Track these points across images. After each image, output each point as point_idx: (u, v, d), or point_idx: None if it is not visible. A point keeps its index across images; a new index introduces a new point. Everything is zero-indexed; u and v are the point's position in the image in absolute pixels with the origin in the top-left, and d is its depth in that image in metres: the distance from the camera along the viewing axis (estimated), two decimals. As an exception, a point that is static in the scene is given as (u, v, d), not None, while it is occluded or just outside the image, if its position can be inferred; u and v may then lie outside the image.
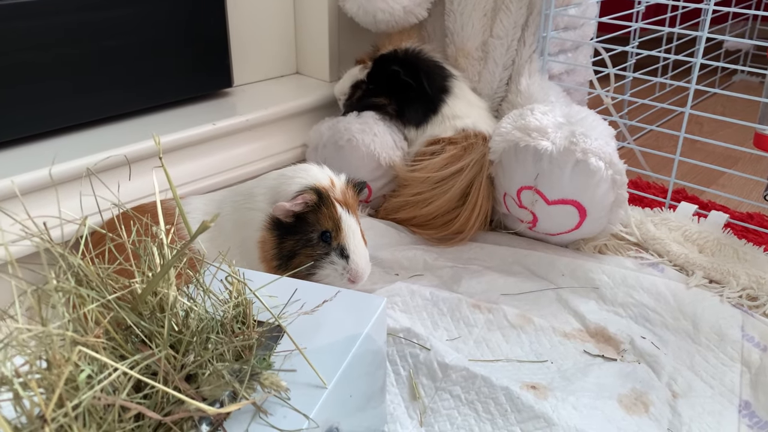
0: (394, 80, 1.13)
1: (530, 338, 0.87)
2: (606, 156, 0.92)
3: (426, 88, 1.12)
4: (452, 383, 0.76)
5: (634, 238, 1.04)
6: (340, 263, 0.83)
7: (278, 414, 0.52)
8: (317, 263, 0.83)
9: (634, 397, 0.77)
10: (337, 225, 0.83)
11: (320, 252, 0.83)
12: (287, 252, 0.83)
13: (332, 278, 0.83)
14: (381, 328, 0.66)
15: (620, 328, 0.89)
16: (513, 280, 0.98)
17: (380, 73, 1.15)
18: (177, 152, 1.03)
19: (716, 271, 0.97)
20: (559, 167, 0.92)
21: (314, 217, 0.82)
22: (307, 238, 0.82)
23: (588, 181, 0.92)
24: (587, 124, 0.94)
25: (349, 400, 0.60)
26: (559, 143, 0.92)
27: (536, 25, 1.18)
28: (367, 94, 1.18)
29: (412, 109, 1.15)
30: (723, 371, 0.82)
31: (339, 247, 0.83)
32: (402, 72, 1.12)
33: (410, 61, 1.14)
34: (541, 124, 0.94)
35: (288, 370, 0.53)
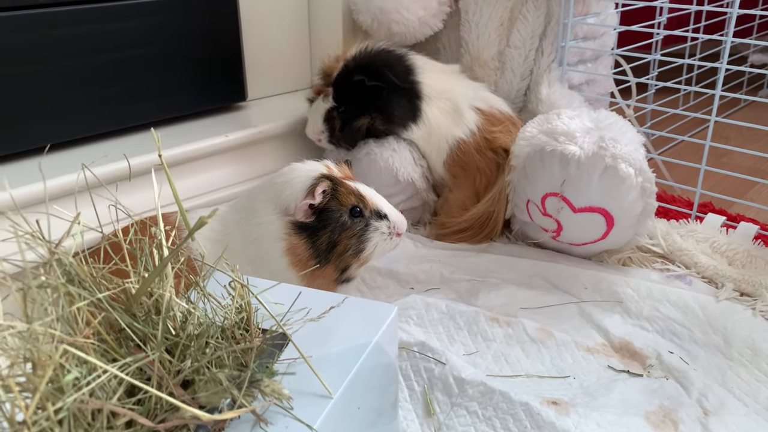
0: (362, 92, 1.05)
1: (551, 353, 0.83)
2: (636, 162, 0.88)
3: (395, 81, 1.06)
4: (469, 399, 0.73)
5: (660, 249, 1.00)
6: (383, 224, 0.83)
7: (280, 424, 0.49)
8: (362, 238, 0.82)
9: (663, 414, 0.73)
10: (360, 196, 0.82)
11: (360, 227, 0.82)
12: (325, 246, 0.81)
13: (380, 244, 0.83)
14: (392, 338, 0.63)
15: (646, 343, 0.85)
16: (533, 294, 0.94)
17: (346, 92, 1.07)
18: (191, 164, 1.02)
19: (747, 283, 0.92)
20: (587, 173, 0.88)
21: (335, 203, 0.81)
22: (341, 222, 0.81)
23: (617, 187, 0.88)
24: (617, 129, 0.91)
25: (358, 413, 0.56)
26: (588, 148, 0.88)
27: (554, 34, 1.16)
28: (346, 120, 1.09)
29: (398, 109, 1.08)
30: (758, 387, 0.77)
31: (373, 212, 0.83)
32: (366, 78, 1.04)
33: (366, 64, 1.07)
34: (568, 129, 0.91)
35: (288, 373, 0.50)
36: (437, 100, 1.08)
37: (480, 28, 1.18)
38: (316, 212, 0.80)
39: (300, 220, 0.80)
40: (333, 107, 1.09)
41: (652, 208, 0.92)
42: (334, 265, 0.82)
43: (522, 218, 1.02)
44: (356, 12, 1.19)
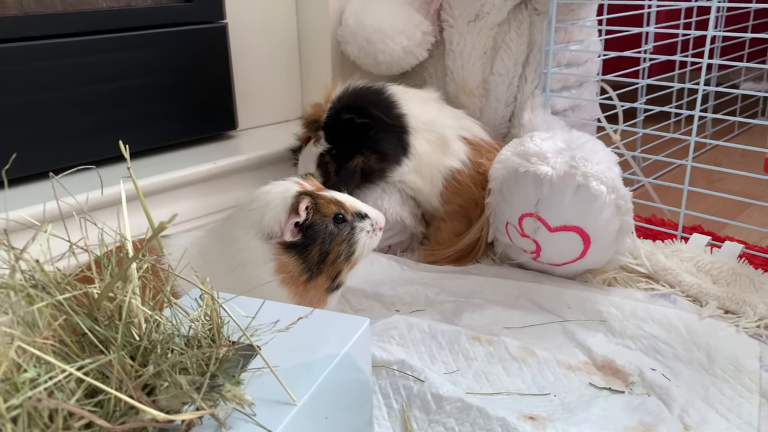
0: (353, 131, 1.05)
1: (532, 371, 0.82)
2: (608, 180, 0.89)
3: (381, 116, 1.05)
4: (446, 415, 0.73)
5: (644, 269, 1.00)
6: (367, 223, 0.85)
7: (241, 429, 0.49)
8: (351, 241, 0.84)
9: (643, 430, 0.72)
10: (339, 203, 0.84)
11: (347, 231, 0.84)
12: (317, 258, 0.83)
13: (367, 242, 0.86)
14: (364, 351, 0.63)
15: (629, 360, 0.84)
16: (517, 314, 0.94)
17: (336, 132, 1.07)
18: (179, 190, 1.04)
19: (731, 300, 0.92)
20: (560, 192, 0.90)
21: (318, 215, 0.82)
22: (329, 232, 0.83)
23: (590, 206, 0.89)
24: (588, 148, 0.92)
25: (325, 423, 0.57)
26: (560, 168, 0.90)
27: (537, 61, 1.18)
28: (340, 161, 1.07)
29: (389, 146, 1.07)
30: (740, 403, 0.77)
31: (354, 215, 0.85)
32: (355, 117, 1.04)
33: (351, 103, 1.06)
34: (540, 150, 0.92)
35: (254, 368, 0.51)
36: (423, 132, 1.08)
37: (464, 57, 1.20)
38: (302, 229, 0.81)
39: (290, 240, 0.81)
40: (326, 150, 1.08)
41: (629, 226, 0.93)
42: (326, 275, 0.84)
43: (503, 240, 1.03)
44: (344, 43, 1.22)
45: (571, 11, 1.19)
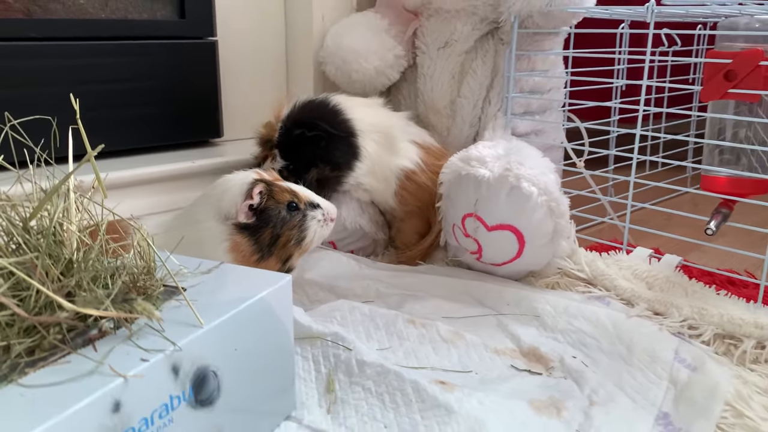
0: (305, 144, 1.09)
1: (459, 352, 0.88)
2: (540, 183, 0.96)
3: (328, 128, 1.10)
4: (366, 378, 0.78)
5: (584, 274, 1.06)
6: (318, 212, 0.93)
7: (149, 340, 0.56)
8: (302, 227, 0.92)
9: (549, 403, 0.77)
10: (293, 192, 0.93)
11: (299, 218, 0.92)
12: (269, 240, 0.91)
13: (318, 230, 0.94)
14: (283, 303, 0.70)
15: (553, 349, 0.89)
16: (457, 306, 1.00)
17: (290, 148, 1.11)
18: (159, 184, 1.13)
19: (660, 303, 0.97)
20: (495, 193, 0.97)
21: (273, 201, 0.90)
22: (281, 217, 0.91)
23: (523, 205, 0.96)
24: (524, 154, 1.00)
25: (234, 354, 0.63)
26: (496, 171, 0.98)
27: (500, 86, 1.27)
28: (297, 174, 1.10)
29: (339, 153, 1.11)
30: (649, 387, 0.81)
31: (307, 204, 0.93)
32: (305, 130, 1.09)
33: (300, 118, 1.11)
34: (481, 155, 1.00)
35: (172, 286, 0.58)
36: (371, 133, 1.14)
37: (434, 80, 1.30)
38: (256, 213, 0.89)
39: (243, 221, 0.89)
40: (283, 166, 1.12)
41: (563, 229, 0.99)
42: (276, 257, 0.92)
43: (452, 242, 1.10)
44: (324, 64, 1.33)
45: (534, 41, 1.28)
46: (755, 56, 0.94)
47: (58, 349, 0.52)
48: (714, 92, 0.98)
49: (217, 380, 0.61)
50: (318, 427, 0.71)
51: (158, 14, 1.18)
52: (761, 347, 0.88)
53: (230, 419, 0.63)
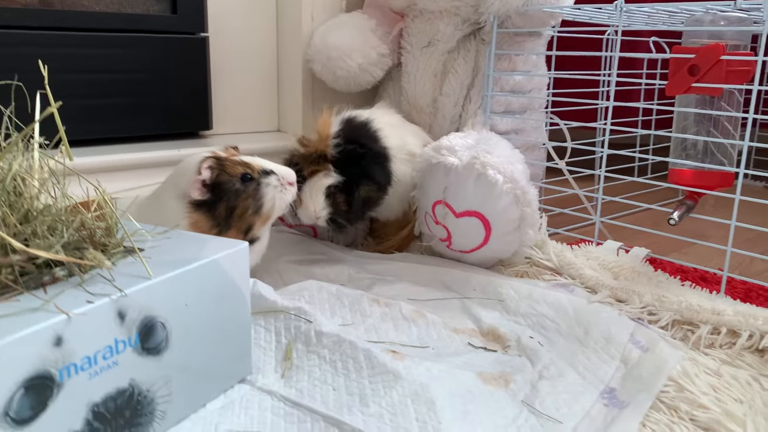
0: (356, 161, 1.06)
1: (420, 330, 0.90)
2: (506, 171, 0.99)
3: (373, 148, 1.09)
4: (323, 347, 0.81)
5: (552, 264, 1.08)
6: (272, 178, 0.94)
7: (98, 287, 0.59)
8: (257, 196, 0.93)
9: (498, 375, 0.79)
10: (247, 164, 0.93)
11: (253, 187, 0.93)
12: (224, 213, 0.92)
13: (277, 196, 0.94)
14: (239, 268, 0.73)
15: (512, 330, 0.91)
16: (424, 290, 1.03)
17: (345, 164, 1.06)
18: (145, 170, 1.18)
19: (623, 291, 0.99)
20: (463, 180, 1.00)
21: (225, 176, 0.92)
22: (235, 190, 0.92)
23: (489, 192, 0.99)
24: (492, 144, 1.03)
25: (185, 310, 0.66)
26: (465, 159, 1.01)
27: (481, 85, 1.31)
28: (349, 192, 1.07)
29: (381, 176, 1.09)
30: (600, 366, 0.83)
31: (261, 173, 0.94)
32: (357, 147, 1.06)
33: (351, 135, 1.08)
34: (451, 144, 1.04)
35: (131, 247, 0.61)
36: (399, 155, 1.13)
37: (417, 78, 1.34)
38: (209, 188, 0.92)
39: (197, 198, 0.92)
40: (336, 183, 1.06)
41: (529, 217, 1.02)
42: (236, 229, 0.93)
43: (425, 231, 1.13)
44: (311, 61, 1.38)
45: (515, 42, 1.32)
46: (716, 51, 0.96)
47: (9, 288, 0.56)
48: (678, 86, 1.01)
49: (165, 332, 0.64)
50: (269, 388, 0.74)
51: (151, 9, 1.23)
52: (717, 333, 0.90)
53: (180, 373, 0.66)
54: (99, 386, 0.57)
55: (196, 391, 0.70)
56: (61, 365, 0.54)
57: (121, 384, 0.60)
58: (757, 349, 0.87)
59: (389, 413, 0.69)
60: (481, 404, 0.72)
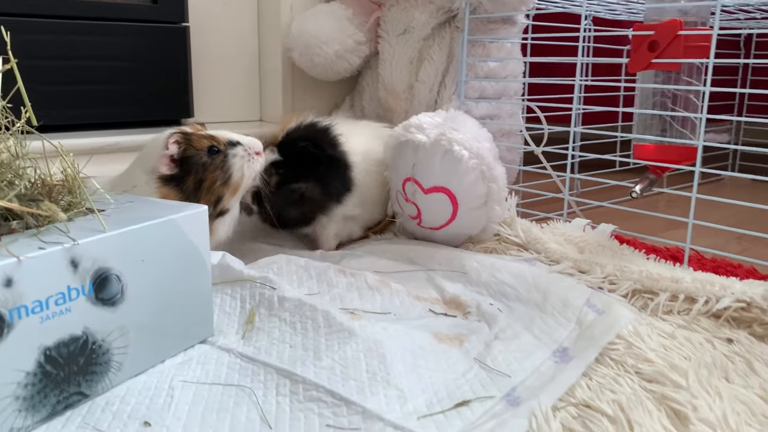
0: (305, 158, 1.08)
1: (383, 297, 0.92)
2: (472, 148, 1.02)
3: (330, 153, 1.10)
4: (284, 311, 0.83)
5: (519, 240, 1.10)
6: (239, 149, 0.97)
7: (52, 237, 0.62)
8: (225, 167, 0.96)
9: (454, 336, 0.81)
10: (213, 137, 0.97)
11: (220, 159, 0.96)
12: (192, 186, 0.95)
13: (245, 165, 0.97)
14: (198, 230, 0.75)
15: (474, 298, 0.93)
16: (391, 263, 1.05)
17: (290, 153, 1.09)
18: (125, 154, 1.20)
19: (585, 263, 1.00)
20: (430, 156, 1.03)
21: (192, 150, 0.95)
22: (202, 163, 0.95)
23: (455, 168, 1.01)
24: (459, 121, 1.06)
25: (141, 266, 0.68)
26: (432, 136, 1.03)
27: (455, 71, 1.33)
28: (285, 179, 1.09)
29: (334, 183, 1.11)
30: (556, 328, 0.84)
31: (227, 145, 0.97)
32: (311, 144, 1.08)
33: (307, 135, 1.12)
34: (420, 122, 1.06)
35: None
36: (362, 163, 1.14)
37: (393, 65, 1.37)
38: (178, 163, 0.95)
39: (165, 173, 0.94)
40: (275, 161, 1.09)
41: (495, 193, 1.04)
42: (205, 201, 0.96)
43: (396, 210, 1.15)
44: (289, 50, 1.41)
45: (489, 29, 1.35)
46: (674, 26, 0.99)
47: (-36, 236, 0.59)
48: (639, 63, 1.03)
49: (120, 285, 0.66)
50: (228, 347, 0.76)
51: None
52: (675, 300, 0.91)
53: (137, 327, 0.68)
54: (51, 331, 0.60)
55: (155, 347, 0.72)
56: (11, 305, 0.56)
57: (75, 331, 0.62)
58: (714, 314, 0.88)
59: (341, 366, 0.71)
60: (433, 360, 0.74)
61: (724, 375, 0.73)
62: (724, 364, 0.75)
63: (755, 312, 0.86)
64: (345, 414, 0.63)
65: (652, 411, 0.64)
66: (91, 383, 0.64)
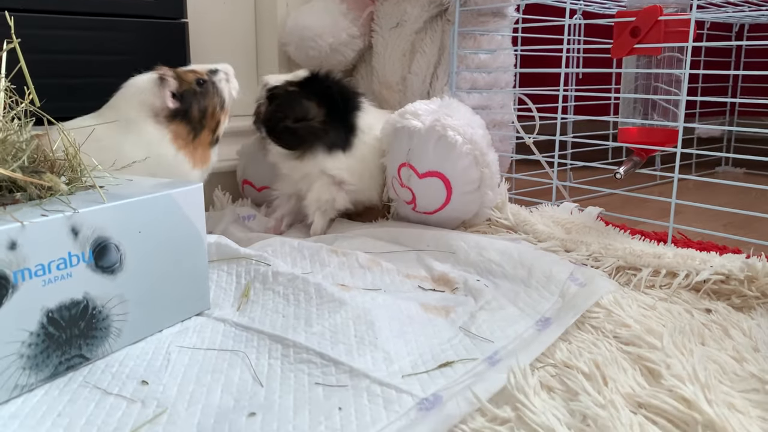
0: (322, 95, 1.15)
1: (374, 276, 0.95)
2: (465, 133, 1.05)
3: (345, 109, 1.17)
4: (278, 284, 0.87)
5: (508, 222, 1.13)
6: (220, 75, 1.09)
7: (53, 206, 0.65)
8: (217, 93, 1.07)
9: (440, 307, 0.84)
10: (194, 71, 1.06)
11: (211, 87, 1.06)
12: (199, 115, 1.04)
13: (229, 87, 1.09)
14: (194, 205, 0.78)
15: (461, 275, 0.96)
16: (381, 244, 1.08)
17: (316, 83, 1.17)
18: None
19: (571, 242, 1.03)
20: (425, 142, 1.06)
21: (186, 84, 1.03)
22: (200, 92, 1.04)
23: (448, 153, 1.05)
24: (453, 108, 1.09)
25: (138, 237, 0.72)
26: (427, 122, 1.07)
27: (447, 63, 1.37)
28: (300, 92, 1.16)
29: (334, 133, 1.16)
30: (539, 301, 0.87)
31: (209, 73, 1.07)
32: (333, 86, 1.16)
33: (340, 82, 1.20)
34: (415, 109, 1.10)
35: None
36: (363, 133, 1.19)
37: (386, 58, 1.41)
38: (177, 98, 1.01)
39: (172, 107, 1.00)
40: (303, 80, 1.17)
41: (489, 178, 1.07)
42: (208, 128, 1.05)
43: (392, 195, 1.18)
44: (285, 44, 1.45)
45: (480, 22, 1.38)
46: (654, 12, 1.02)
47: (-28, 205, 0.62)
48: (622, 48, 1.06)
49: (119, 254, 0.70)
50: (224, 318, 0.79)
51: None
52: (657, 274, 0.94)
53: (136, 296, 0.72)
54: (53, 293, 0.63)
55: (153, 317, 0.75)
56: (16, 268, 0.60)
57: (76, 295, 0.65)
58: (694, 288, 0.91)
59: (330, 332, 0.74)
60: (419, 327, 0.77)
61: (700, 340, 0.76)
62: (701, 330, 0.78)
63: (733, 284, 0.88)
64: (333, 373, 0.66)
65: (627, 369, 0.67)
66: (91, 347, 0.68)
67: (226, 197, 1.40)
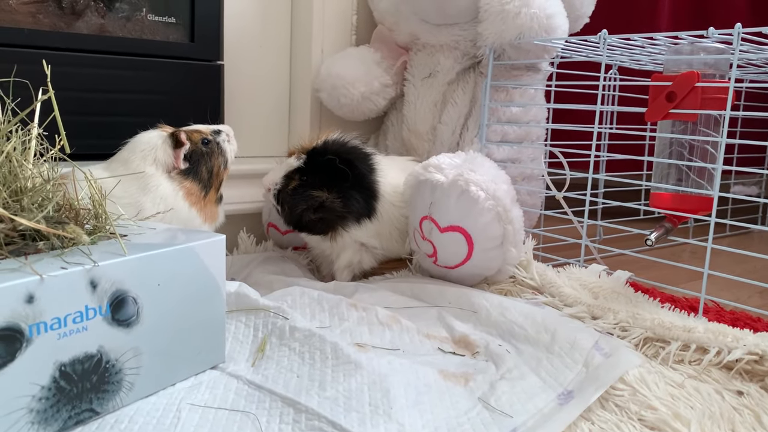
0: (331, 170, 1.12)
1: (393, 334, 0.94)
2: (488, 189, 1.04)
3: (362, 173, 1.15)
4: (294, 340, 0.85)
5: (534, 283, 1.10)
6: (223, 135, 1.13)
7: (74, 258, 0.65)
8: (221, 153, 1.10)
9: (459, 374, 0.82)
10: (198, 130, 1.09)
11: (215, 147, 1.10)
12: (207, 175, 1.07)
13: (231, 150, 1.13)
14: (215, 257, 0.78)
15: (483, 338, 0.94)
16: (403, 299, 1.06)
17: (316, 163, 1.14)
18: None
19: (598, 308, 1.01)
20: (447, 196, 1.05)
21: (193, 144, 1.06)
22: (205, 152, 1.08)
23: (471, 208, 1.03)
24: (477, 163, 1.08)
25: (157, 290, 0.71)
26: (450, 176, 1.06)
27: (478, 114, 1.36)
28: (305, 184, 1.14)
29: (356, 203, 1.14)
30: (563, 370, 0.84)
31: (213, 134, 1.10)
32: (338, 159, 1.12)
33: (340, 150, 1.16)
34: (439, 163, 1.09)
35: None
36: (389, 197, 1.18)
37: (417, 107, 1.41)
38: (186, 158, 1.04)
39: (182, 167, 1.03)
40: (299, 168, 1.15)
41: (511, 235, 1.05)
42: (215, 187, 1.09)
43: (414, 247, 1.17)
44: (318, 91, 1.46)
45: (513, 75, 1.38)
46: (692, 78, 1.00)
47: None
48: (657, 113, 1.05)
49: (137, 307, 0.69)
50: (237, 374, 0.78)
51: (170, 37, 1.33)
52: (687, 349, 0.90)
53: (150, 349, 0.71)
54: (67, 347, 0.63)
55: (166, 370, 0.74)
56: (32, 321, 0.59)
57: (90, 349, 0.65)
58: (726, 366, 0.87)
59: (344, 397, 0.72)
60: (437, 396, 0.75)
61: (731, 427, 0.73)
62: (732, 416, 0.74)
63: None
64: (344, 444, 0.64)
65: (652, 458, 0.64)
66: (102, 401, 0.67)
67: (250, 239, 1.40)
